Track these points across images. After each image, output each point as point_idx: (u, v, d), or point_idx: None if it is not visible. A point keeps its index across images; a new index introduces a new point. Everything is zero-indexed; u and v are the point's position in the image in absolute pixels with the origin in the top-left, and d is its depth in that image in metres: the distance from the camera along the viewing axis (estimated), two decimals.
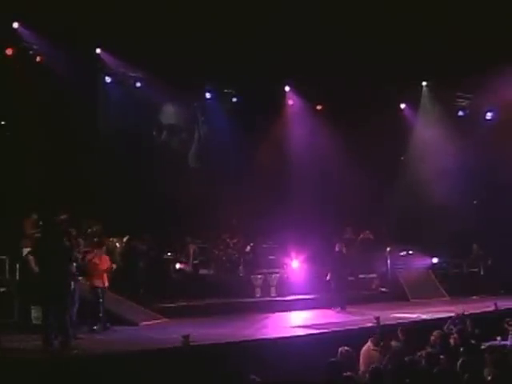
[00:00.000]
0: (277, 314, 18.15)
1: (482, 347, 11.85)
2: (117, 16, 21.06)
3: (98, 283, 15.24)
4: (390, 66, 23.06)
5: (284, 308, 18.98)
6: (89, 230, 19.19)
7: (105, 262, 15.70)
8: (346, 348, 10.91)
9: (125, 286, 18.11)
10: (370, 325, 14.10)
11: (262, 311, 18.43)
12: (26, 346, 12.58)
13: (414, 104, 25.56)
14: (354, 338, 12.63)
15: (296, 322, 16.46)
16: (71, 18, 20.11)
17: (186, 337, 11.80)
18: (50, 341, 12.32)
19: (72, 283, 13.12)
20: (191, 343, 11.82)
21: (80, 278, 16.32)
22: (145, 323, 16.02)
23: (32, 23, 20.11)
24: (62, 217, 17.70)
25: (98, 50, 21.95)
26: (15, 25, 19.85)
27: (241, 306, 18.77)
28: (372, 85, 23.76)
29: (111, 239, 19.44)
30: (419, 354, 10.95)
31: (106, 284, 15.46)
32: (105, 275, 15.46)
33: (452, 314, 14.76)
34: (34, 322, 14.45)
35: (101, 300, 15.11)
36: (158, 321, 16.49)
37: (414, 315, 16.53)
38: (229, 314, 17.84)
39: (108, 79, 23.14)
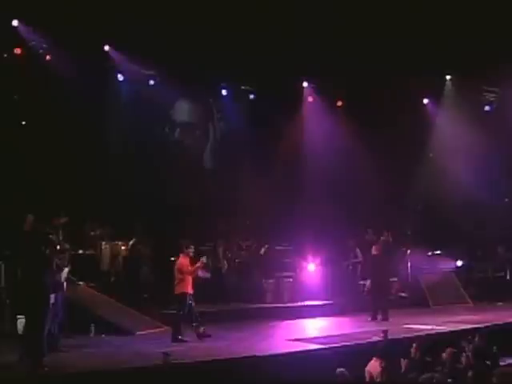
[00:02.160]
0: (285, 322, 16.77)
1: (502, 363, 10.42)
2: (125, 11, 20.13)
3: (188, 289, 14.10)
4: (412, 58, 21.59)
5: (295, 315, 17.58)
6: (91, 233, 18.09)
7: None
8: (342, 370, 9.58)
9: (128, 290, 17.00)
10: (376, 339, 12.59)
11: (272, 318, 17.09)
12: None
13: (437, 99, 23.84)
14: (358, 355, 11.22)
15: (300, 334, 15.00)
16: (77, 15, 19.21)
17: (167, 354, 10.50)
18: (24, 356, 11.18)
19: (53, 296, 11.80)
20: (172, 361, 10.51)
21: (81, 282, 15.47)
22: (141, 332, 14.79)
23: (36, 21, 19.09)
24: (62, 220, 16.67)
25: (107, 48, 20.80)
26: (15, 23, 18.71)
27: (249, 312, 17.48)
28: (394, 79, 22.25)
29: (116, 243, 18.30)
30: (423, 376, 9.55)
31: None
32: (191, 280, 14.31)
33: (474, 326, 13.25)
34: (20, 332, 13.26)
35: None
36: (157, 330, 15.23)
37: (429, 326, 14.93)
38: (235, 321, 16.64)
39: (120, 77, 22.04)
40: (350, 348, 12.24)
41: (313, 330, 15.83)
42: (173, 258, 17.84)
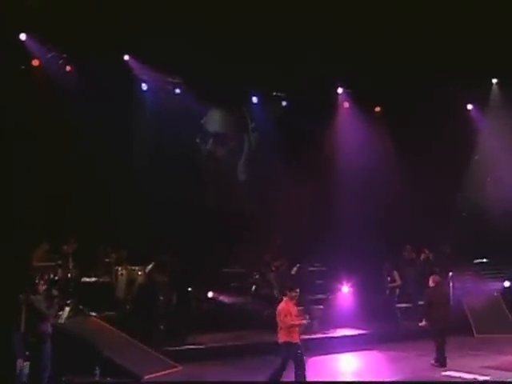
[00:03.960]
0: (312, 359, 14.73)
1: None
2: (146, 18, 18.53)
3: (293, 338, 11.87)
4: (456, 61, 19.56)
5: (325, 349, 15.58)
6: (106, 260, 16.51)
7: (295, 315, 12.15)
8: None
9: (144, 321, 15.35)
10: None
11: None
12: None
13: (483, 104, 21.52)
14: None
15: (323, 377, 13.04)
16: (96, 25, 17.69)
17: None
18: None
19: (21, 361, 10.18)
20: None
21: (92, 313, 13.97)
22: (149, 376, 13.10)
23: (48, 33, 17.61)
24: (71, 246, 15.21)
25: (126, 57, 19.15)
26: (22, 37, 17.21)
27: (268, 347, 15.45)
28: (435, 83, 20.12)
29: (133, 268, 16.67)
30: None
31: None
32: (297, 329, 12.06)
33: None
34: None
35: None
36: (168, 371, 13.52)
37: (470, 376, 12.83)
38: (258, 355, 14.67)
39: (144, 87, 20.40)
40: None
41: (340, 374, 13.89)
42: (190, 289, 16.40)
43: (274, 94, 22.20)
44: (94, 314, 15.06)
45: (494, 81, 21.20)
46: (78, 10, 17.53)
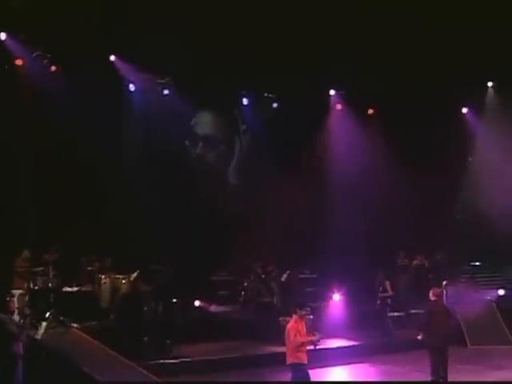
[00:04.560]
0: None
1: None
2: (134, 17, 17.90)
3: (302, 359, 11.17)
4: (450, 64, 19.00)
5: (315, 362, 14.58)
6: (89, 268, 15.82)
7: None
8: None
9: (127, 332, 14.66)
10: None
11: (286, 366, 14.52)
12: None
13: (478, 108, 20.93)
14: None
15: None
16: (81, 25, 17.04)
17: None
18: None
19: None
20: None
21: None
22: None
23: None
24: (52, 255, 14.53)
25: (112, 58, 18.44)
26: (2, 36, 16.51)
27: (260, 360, 14.88)
28: (430, 86, 19.52)
29: (117, 276, 15.98)
30: None
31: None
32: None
33: None
34: None
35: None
36: None
37: None
38: (250, 369, 14.16)
39: (132, 87, 19.68)
40: None
41: None
42: (175, 300, 15.69)
43: (266, 95, 21.56)
44: (75, 325, 14.39)
45: (490, 84, 20.59)
46: (63, 9, 16.95)
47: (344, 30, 18.84)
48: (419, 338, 13.06)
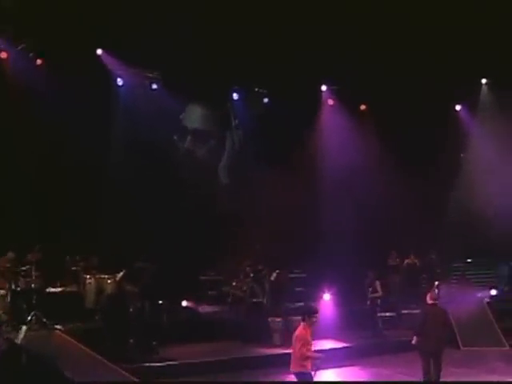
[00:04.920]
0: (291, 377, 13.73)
1: None
2: (121, 11, 17.40)
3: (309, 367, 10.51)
4: (444, 60, 18.67)
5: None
6: (73, 268, 15.36)
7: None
8: None
9: (111, 336, 14.22)
10: None
11: (277, 368, 14.05)
12: None
13: (472, 105, 20.53)
14: None
15: None
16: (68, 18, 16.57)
17: None
18: None
19: None
20: None
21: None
22: None
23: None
24: (34, 255, 14.06)
25: (99, 51, 17.94)
26: None
27: (250, 362, 14.46)
28: (423, 83, 19.14)
29: (103, 276, 15.53)
30: None
31: None
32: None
33: None
34: None
35: None
36: None
37: None
38: (238, 372, 13.74)
39: (120, 82, 19.20)
40: None
41: None
42: (161, 302, 15.23)
43: (256, 90, 21.09)
44: (59, 327, 13.96)
45: (484, 81, 20.19)
46: (49, 2, 16.48)
47: (336, 26, 18.47)
48: (413, 342, 12.68)
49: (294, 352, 10.54)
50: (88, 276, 15.35)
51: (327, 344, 15.98)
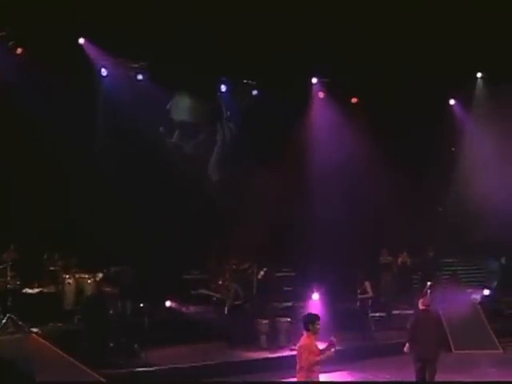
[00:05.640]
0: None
1: None
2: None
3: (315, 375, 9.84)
4: (438, 54, 18.08)
5: (292, 370, 13.84)
6: (51, 268, 14.62)
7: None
8: None
9: (90, 339, 13.51)
10: None
11: (264, 373, 13.48)
12: None
13: (466, 100, 19.84)
14: None
15: None
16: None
17: None
18: None
19: None
20: None
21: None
22: None
23: None
24: (10, 254, 13.33)
25: (81, 41, 17.14)
26: None
27: (234, 367, 13.80)
28: (416, 75, 18.44)
29: (83, 276, 14.80)
30: None
31: None
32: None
33: None
34: None
35: None
36: None
37: None
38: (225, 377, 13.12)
39: (104, 72, 18.40)
40: None
41: None
42: (141, 305, 14.48)
43: (245, 81, 20.31)
44: (35, 330, 13.25)
45: (479, 75, 19.52)
46: None
47: (327, 16, 17.79)
48: (405, 350, 12.04)
49: (301, 362, 9.85)
50: (67, 276, 14.66)
51: None
